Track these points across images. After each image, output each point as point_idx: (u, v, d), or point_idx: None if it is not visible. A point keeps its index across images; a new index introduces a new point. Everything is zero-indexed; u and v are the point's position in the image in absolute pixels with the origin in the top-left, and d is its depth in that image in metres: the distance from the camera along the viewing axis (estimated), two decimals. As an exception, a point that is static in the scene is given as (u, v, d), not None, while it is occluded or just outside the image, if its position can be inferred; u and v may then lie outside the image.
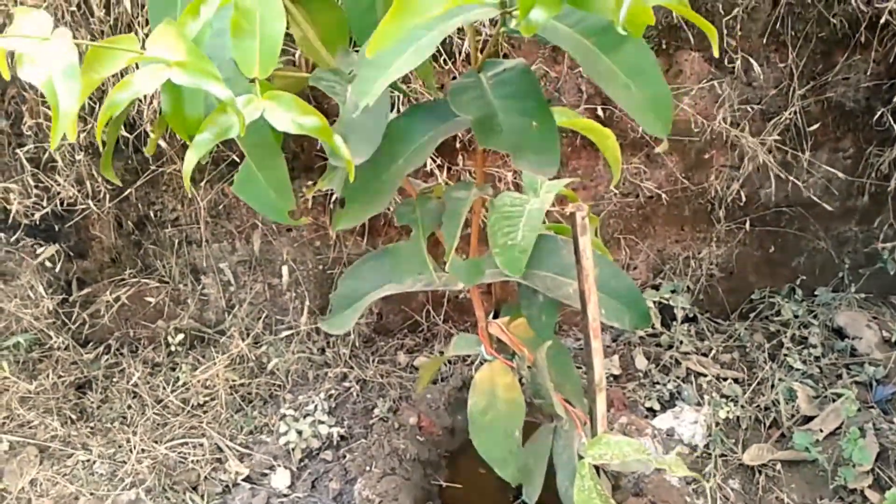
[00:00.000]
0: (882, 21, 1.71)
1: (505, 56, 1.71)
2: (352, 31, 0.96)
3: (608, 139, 1.21)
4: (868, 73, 1.82)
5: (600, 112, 1.75)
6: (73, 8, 1.51)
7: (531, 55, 1.71)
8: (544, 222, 1.20)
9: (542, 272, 1.18)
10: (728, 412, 1.76)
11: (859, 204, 1.99)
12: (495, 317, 1.35)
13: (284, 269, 1.82)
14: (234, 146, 0.90)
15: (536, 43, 1.70)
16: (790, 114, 1.80)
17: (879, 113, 1.85)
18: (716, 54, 0.75)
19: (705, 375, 1.88)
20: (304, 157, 1.72)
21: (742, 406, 1.79)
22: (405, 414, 1.67)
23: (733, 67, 1.75)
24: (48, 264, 1.76)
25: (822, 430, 1.76)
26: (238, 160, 1.72)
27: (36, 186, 1.66)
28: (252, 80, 0.82)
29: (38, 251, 1.73)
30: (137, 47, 0.78)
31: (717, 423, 1.75)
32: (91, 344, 1.87)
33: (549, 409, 1.22)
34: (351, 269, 1.25)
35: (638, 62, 0.79)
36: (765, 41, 1.75)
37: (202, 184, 1.71)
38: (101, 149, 1.64)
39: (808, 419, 1.79)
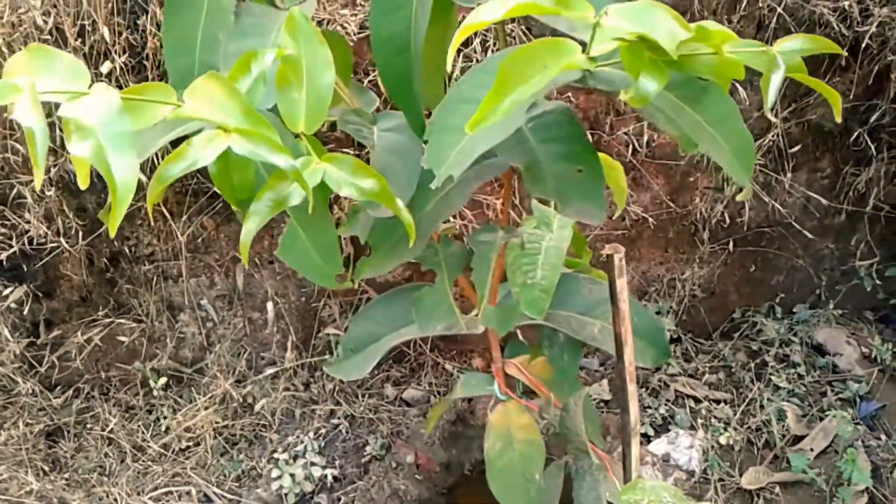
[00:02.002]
0: (863, 45, 1.74)
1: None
2: (379, 73, 0.91)
3: (615, 171, 1.18)
4: (847, 95, 1.84)
5: (589, 137, 1.73)
6: (46, 36, 1.42)
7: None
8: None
9: (565, 312, 1.15)
10: (726, 437, 1.75)
11: (836, 222, 2.01)
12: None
13: (269, 305, 1.74)
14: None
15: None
16: (773, 136, 1.81)
17: (856, 133, 1.87)
18: (837, 119, 0.71)
19: (695, 398, 1.88)
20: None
21: (734, 428, 1.79)
22: (401, 452, 1.62)
23: (718, 91, 1.75)
24: (13, 306, 1.66)
25: (812, 450, 1.78)
26: (218, 192, 1.64)
27: (2, 225, 1.55)
28: (297, 136, 0.77)
29: (4, 293, 1.62)
30: (174, 98, 0.71)
31: (713, 448, 1.74)
32: (59, 388, 1.76)
33: (573, 451, 1.19)
34: (364, 312, 1.19)
35: (720, 112, 0.76)
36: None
37: (182, 218, 1.63)
38: (78, 185, 1.56)
39: (799, 438, 1.80)
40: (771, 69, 0.65)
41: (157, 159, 1.43)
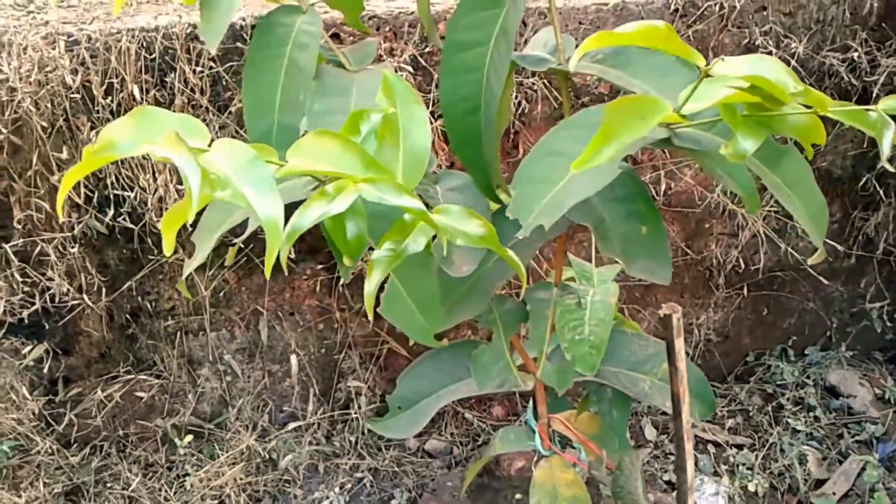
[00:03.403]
0: (872, 94, 1.78)
1: (516, 133, 1.70)
2: (448, 134, 0.92)
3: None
4: (854, 142, 1.88)
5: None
6: (74, 94, 1.42)
7: (542, 130, 1.70)
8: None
9: (614, 368, 1.15)
10: (754, 483, 1.75)
11: (845, 265, 2.04)
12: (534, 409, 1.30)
13: (293, 359, 1.73)
14: (239, 231, 0.85)
15: (547, 119, 1.69)
16: (785, 182, 1.84)
17: (865, 179, 1.91)
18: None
19: (716, 443, 1.88)
20: (309, 239, 1.65)
21: (758, 474, 1.79)
22: (430, 506, 1.60)
23: (733, 139, 1.78)
24: (30, 363, 1.62)
25: (834, 494, 1.78)
26: (242, 246, 1.63)
27: (24, 282, 1.53)
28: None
29: (23, 351, 1.59)
30: (276, 157, 0.72)
31: (739, 494, 1.74)
32: (76, 446, 1.72)
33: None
34: (412, 369, 1.19)
35: (797, 175, 0.78)
36: (762, 113, 1.79)
37: (207, 272, 1.61)
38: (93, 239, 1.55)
39: (820, 482, 1.81)
40: (882, 127, 0.67)
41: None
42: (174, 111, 1.42)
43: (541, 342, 1.07)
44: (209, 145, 0.67)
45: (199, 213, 0.77)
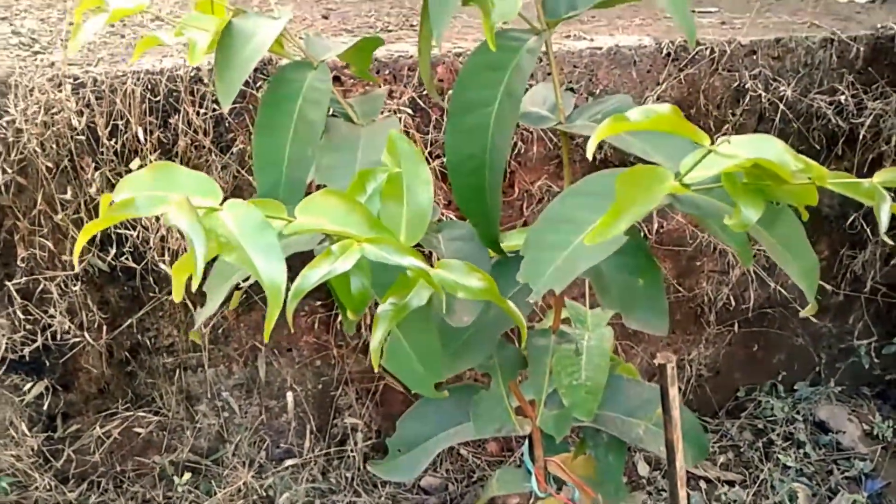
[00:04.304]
0: (858, 135, 1.82)
1: (511, 173, 1.73)
2: (453, 189, 0.94)
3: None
4: (842, 181, 1.92)
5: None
6: (80, 136, 1.44)
7: (537, 171, 1.73)
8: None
9: (610, 413, 1.17)
10: (745, 521, 1.78)
11: (834, 302, 2.08)
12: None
13: (289, 395, 1.74)
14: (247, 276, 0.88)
15: (543, 159, 1.73)
16: (775, 221, 1.88)
17: (852, 217, 1.95)
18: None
19: (707, 479, 1.90)
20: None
21: (749, 510, 1.82)
22: (427, 543, 1.61)
23: (724, 179, 1.82)
24: (31, 399, 1.63)
25: (824, 530, 1.81)
26: (241, 282, 1.65)
27: (25, 320, 1.54)
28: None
29: (24, 388, 1.60)
30: (284, 213, 0.74)
31: (731, 531, 1.77)
32: (73, 482, 1.73)
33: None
34: (412, 412, 1.20)
35: (791, 234, 0.81)
36: (752, 154, 1.83)
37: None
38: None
39: (811, 519, 1.83)
40: (879, 200, 0.70)
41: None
42: (177, 152, 1.45)
43: (539, 390, 1.09)
44: (221, 204, 0.70)
45: (211, 262, 0.79)
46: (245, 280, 0.94)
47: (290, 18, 0.91)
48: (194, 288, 0.66)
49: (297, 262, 0.71)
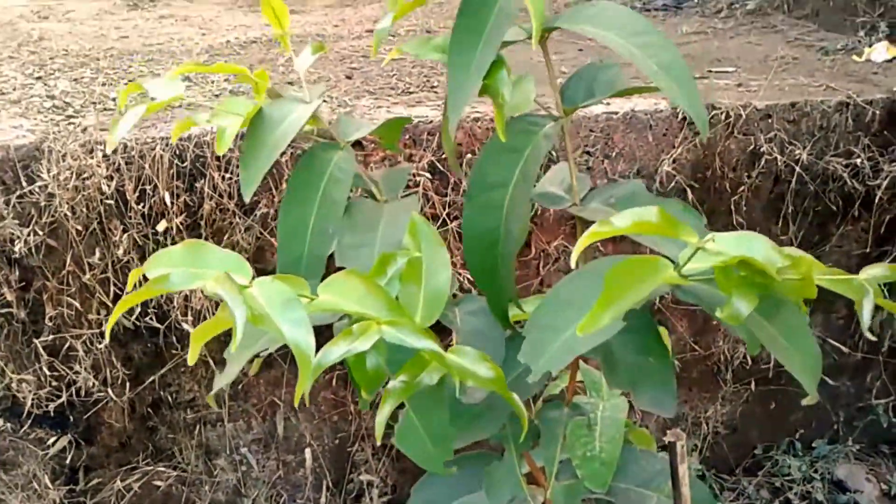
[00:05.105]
0: (875, 197, 1.84)
1: (529, 234, 1.76)
2: (467, 264, 0.97)
3: (661, 335, 1.24)
4: (858, 242, 1.93)
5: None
6: (109, 200, 1.49)
7: (554, 231, 1.76)
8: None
9: (623, 484, 1.18)
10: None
11: (851, 361, 2.07)
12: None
13: (307, 452, 1.76)
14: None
15: (559, 220, 1.75)
16: (791, 281, 1.89)
17: (869, 277, 1.96)
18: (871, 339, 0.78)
19: (724, 540, 1.90)
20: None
21: (766, 573, 1.81)
22: None
23: (740, 240, 1.84)
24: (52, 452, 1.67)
25: None
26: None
27: (51, 376, 1.58)
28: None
29: (48, 441, 1.64)
30: (307, 290, 0.77)
31: None
32: (92, 534, 1.76)
33: None
34: (426, 479, 1.22)
35: (793, 326, 0.83)
36: (768, 215, 1.85)
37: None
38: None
39: (829, 582, 1.82)
40: (861, 296, 0.72)
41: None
42: (202, 215, 1.49)
43: (551, 462, 1.11)
44: (250, 282, 0.74)
45: (228, 332, 0.82)
46: (266, 350, 0.97)
47: (320, 104, 0.94)
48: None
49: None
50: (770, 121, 1.80)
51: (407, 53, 0.94)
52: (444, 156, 1.66)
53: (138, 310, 1.57)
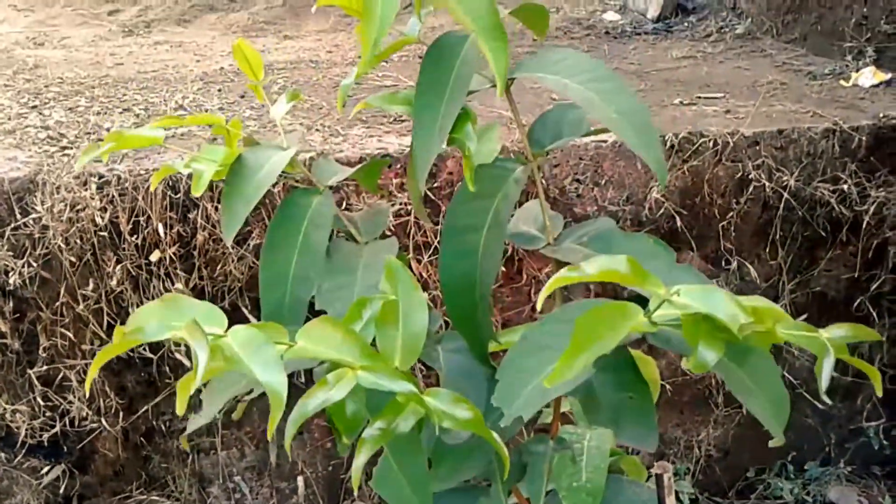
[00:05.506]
0: (862, 222, 1.85)
1: (520, 260, 1.77)
2: (446, 306, 0.99)
3: (649, 366, 1.25)
4: (847, 266, 1.95)
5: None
6: (102, 232, 1.50)
7: (545, 259, 1.77)
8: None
9: (610, 514, 1.19)
10: None
11: (842, 384, 2.09)
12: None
13: (300, 480, 1.77)
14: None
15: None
16: (780, 306, 1.90)
17: (858, 301, 1.97)
18: (878, 393, 0.79)
19: (716, 564, 1.90)
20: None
21: None
22: None
23: (729, 266, 1.86)
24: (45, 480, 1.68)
25: None
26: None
27: (45, 406, 1.60)
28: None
29: (42, 471, 1.65)
30: (286, 337, 0.79)
31: None
32: (85, 563, 1.77)
33: None
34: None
35: (762, 370, 0.84)
36: (756, 241, 1.87)
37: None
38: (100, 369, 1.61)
39: None
40: (822, 354, 0.73)
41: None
42: (195, 245, 1.51)
43: (537, 497, 1.12)
44: (226, 330, 0.75)
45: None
46: (247, 394, 0.98)
47: (296, 151, 0.96)
48: (193, 389, 0.71)
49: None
50: (758, 148, 1.82)
51: (373, 106, 0.97)
52: (436, 184, 1.68)
53: (131, 340, 1.59)
